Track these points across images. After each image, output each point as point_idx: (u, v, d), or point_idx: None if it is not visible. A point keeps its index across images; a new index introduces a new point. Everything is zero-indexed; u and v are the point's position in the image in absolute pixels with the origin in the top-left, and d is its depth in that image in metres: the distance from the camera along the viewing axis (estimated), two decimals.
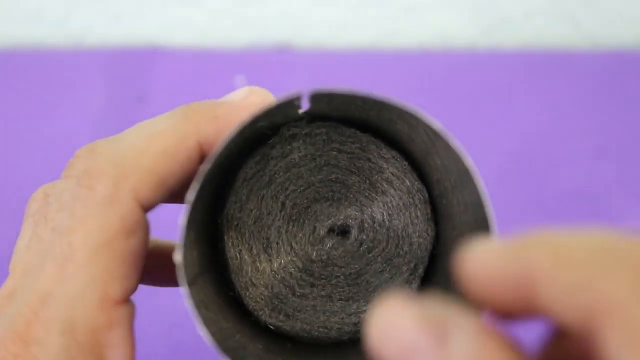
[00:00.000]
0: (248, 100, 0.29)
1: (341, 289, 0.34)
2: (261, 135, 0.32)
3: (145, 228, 0.27)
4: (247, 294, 0.33)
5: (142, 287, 0.58)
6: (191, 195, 0.26)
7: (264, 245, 0.34)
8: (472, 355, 0.18)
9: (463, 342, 0.18)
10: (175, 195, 0.29)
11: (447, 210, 0.34)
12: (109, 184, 0.26)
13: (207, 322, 0.26)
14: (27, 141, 0.61)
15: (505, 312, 0.20)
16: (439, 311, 0.19)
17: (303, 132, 0.33)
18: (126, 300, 0.27)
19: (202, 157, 0.28)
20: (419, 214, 0.34)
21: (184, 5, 0.73)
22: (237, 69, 0.62)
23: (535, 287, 0.19)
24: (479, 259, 0.20)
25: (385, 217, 0.34)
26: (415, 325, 0.18)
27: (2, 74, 0.68)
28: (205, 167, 0.26)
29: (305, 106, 0.30)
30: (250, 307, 0.33)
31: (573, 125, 0.64)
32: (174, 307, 0.54)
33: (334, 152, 0.34)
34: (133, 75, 0.68)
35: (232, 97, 0.30)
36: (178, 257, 0.26)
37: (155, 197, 0.27)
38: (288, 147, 0.33)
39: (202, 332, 0.26)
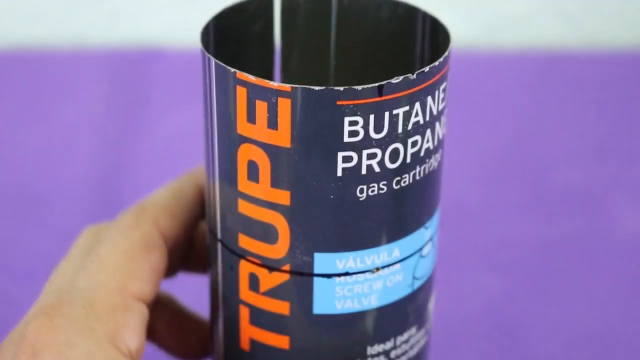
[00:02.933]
0: None
1: None
2: None
3: (164, 253, 0.32)
4: None
5: None
6: None
7: None
8: None
9: None
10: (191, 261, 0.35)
11: None
12: (132, 215, 0.32)
13: None
14: (27, 141, 0.61)
15: None
16: None
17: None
18: (143, 301, 0.31)
19: (200, 197, 0.34)
20: None
21: (184, 5, 0.73)
22: None
23: None
24: None
25: None
26: None
27: (2, 74, 0.68)
28: None
29: None
30: None
31: (573, 126, 0.64)
32: None
33: None
34: (133, 75, 0.68)
35: None
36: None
37: (171, 227, 0.32)
38: None
39: None
